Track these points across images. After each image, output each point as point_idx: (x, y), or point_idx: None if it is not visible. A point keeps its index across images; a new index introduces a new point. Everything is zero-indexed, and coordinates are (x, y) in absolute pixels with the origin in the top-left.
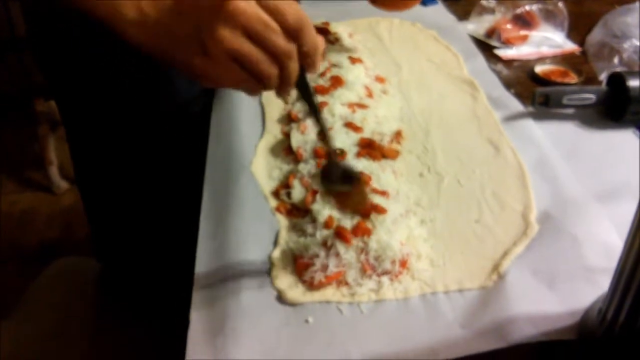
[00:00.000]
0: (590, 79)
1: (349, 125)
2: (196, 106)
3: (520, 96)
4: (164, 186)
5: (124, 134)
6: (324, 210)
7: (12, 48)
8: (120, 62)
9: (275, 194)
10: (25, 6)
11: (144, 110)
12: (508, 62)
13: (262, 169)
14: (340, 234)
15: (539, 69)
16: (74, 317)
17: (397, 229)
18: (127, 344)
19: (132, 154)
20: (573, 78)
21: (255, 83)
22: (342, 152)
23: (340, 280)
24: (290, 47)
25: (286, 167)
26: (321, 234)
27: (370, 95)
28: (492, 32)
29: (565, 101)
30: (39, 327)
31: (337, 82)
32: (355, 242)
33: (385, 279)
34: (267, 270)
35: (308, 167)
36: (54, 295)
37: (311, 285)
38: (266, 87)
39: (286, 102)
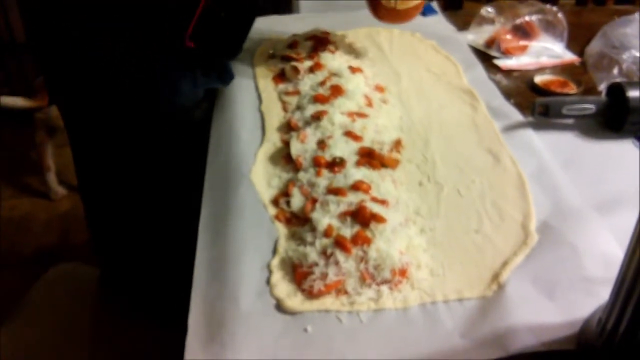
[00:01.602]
0: (589, 90)
1: (349, 134)
2: (199, 110)
3: (519, 106)
4: (165, 190)
5: (125, 137)
6: (324, 218)
7: (11, 53)
8: (121, 65)
9: (275, 202)
10: (24, 12)
11: (146, 113)
12: (507, 72)
13: (261, 177)
14: (339, 242)
15: (538, 79)
16: (73, 322)
17: (396, 238)
18: (127, 348)
19: (134, 157)
20: (572, 88)
21: None
22: (342, 161)
23: (339, 289)
24: None
25: (285, 176)
26: (321, 242)
27: (370, 104)
28: (491, 42)
29: (564, 111)
30: (39, 331)
31: (337, 91)
32: (355, 251)
33: (384, 288)
34: (266, 279)
35: (307, 176)
36: (53, 300)
37: (310, 294)
38: None
39: None
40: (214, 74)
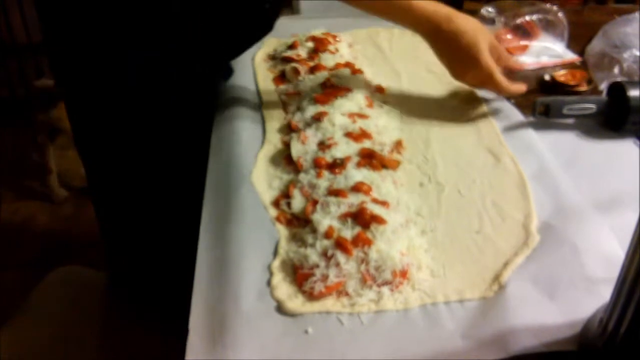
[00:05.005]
0: (590, 89)
1: (350, 135)
2: (199, 105)
3: (520, 106)
4: (172, 190)
5: (129, 131)
6: (325, 220)
7: (11, 53)
8: (121, 56)
9: (276, 203)
10: (40, 11)
11: (146, 104)
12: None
13: (262, 179)
14: (340, 244)
15: (548, 77)
16: (76, 324)
17: (397, 239)
18: (130, 352)
19: (140, 153)
20: (584, 86)
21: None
22: (343, 162)
23: (340, 291)
24: None
25: (286, 177)
26: (321, 244)
27: (370, 105)
28: None
29: (565, 111)
30: (40, 334)
31: (337, 92)
32: (356, 252)
33: (385, 290)
34: (266, 280)
35: (308, 177)
36: (54, 303)
37: (311, 296)
38: None
39: None
40: (214, 69)
